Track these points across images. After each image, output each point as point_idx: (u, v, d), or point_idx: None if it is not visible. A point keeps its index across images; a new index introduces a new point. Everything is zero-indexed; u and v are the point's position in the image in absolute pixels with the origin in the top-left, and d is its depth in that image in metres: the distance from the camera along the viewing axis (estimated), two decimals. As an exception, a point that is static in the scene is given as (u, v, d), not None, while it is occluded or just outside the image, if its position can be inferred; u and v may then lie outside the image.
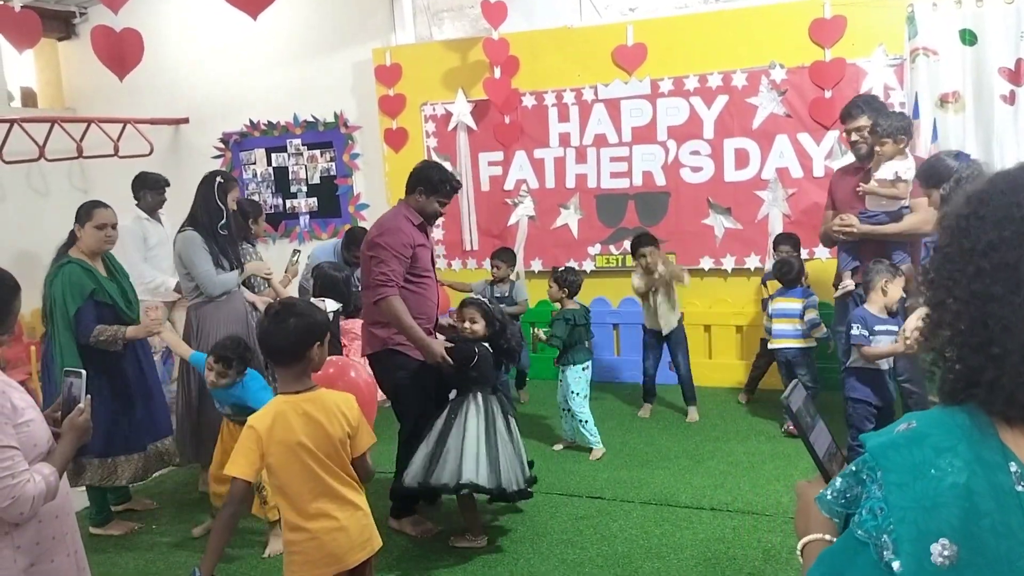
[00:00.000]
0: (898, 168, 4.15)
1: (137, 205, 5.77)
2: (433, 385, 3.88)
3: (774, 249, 5.50)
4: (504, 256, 5.74)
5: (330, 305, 4.78)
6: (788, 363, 5.02)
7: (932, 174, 3.84)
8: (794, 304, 4.97)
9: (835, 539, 1.18)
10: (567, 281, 4.88)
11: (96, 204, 3.96)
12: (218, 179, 4.41)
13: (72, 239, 3.95)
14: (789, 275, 5.06)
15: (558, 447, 4.92)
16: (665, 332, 5.34)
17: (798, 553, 1.24)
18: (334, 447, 2.48)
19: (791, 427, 4.97)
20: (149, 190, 5.79)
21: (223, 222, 4.36)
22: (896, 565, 0.98)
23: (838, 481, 1.16)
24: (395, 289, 3.73)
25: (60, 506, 2.23)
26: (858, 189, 4.30)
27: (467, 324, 3.85)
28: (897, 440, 1.06)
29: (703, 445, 4.87)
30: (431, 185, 3.87)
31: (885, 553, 1.00)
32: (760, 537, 3.67)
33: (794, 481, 4.50)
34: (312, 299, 4.89)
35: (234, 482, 2.43)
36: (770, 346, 5.10)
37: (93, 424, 3.81)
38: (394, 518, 3.92)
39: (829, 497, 1.17)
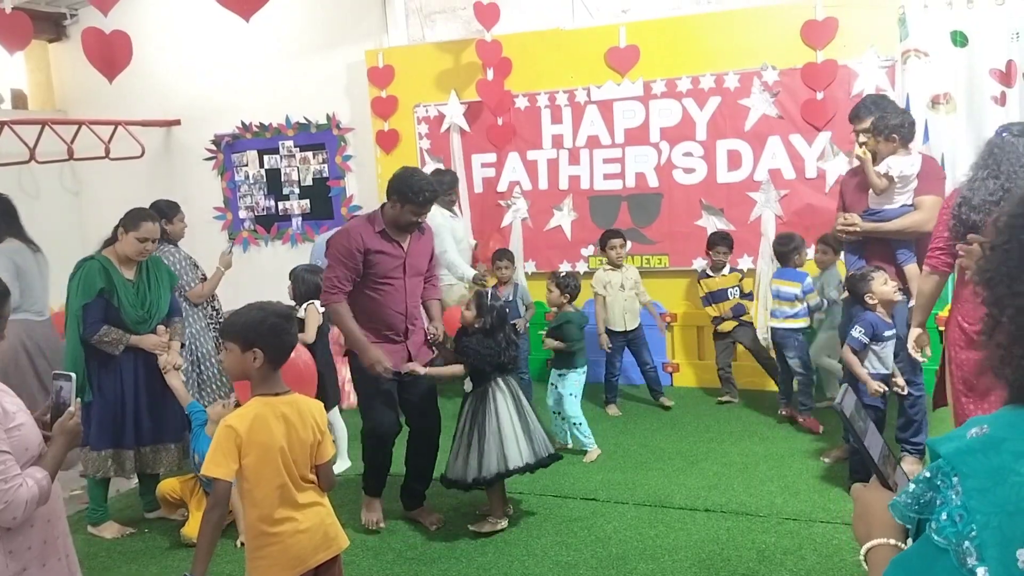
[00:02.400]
0: (891, 164, 4.15)
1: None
2: (383, 380, 3.84)
3: (709, 249, 5.55)
4: (508, 256, 5.73)
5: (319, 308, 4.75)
6: (775, 344, 5.14)
7: None
8: (792, 288, 5.00)
9: (900, 543, 1.18)
10: (569, 286, 4.85)
11: (146, 216, 4.00)
12: None
13: (115, 238, 4.01)
14: (788, 245, 5.11)
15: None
16: (630, 328, 5.55)
17: (861, 558, 1.23)
18: (304, 453, 2.48)
19: (785, 411, 5.08)
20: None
21: None
22: (982, 572, 0.98)
23: (911, 486, 1.14)
24: (339, 295, 3.76)
25: (52, 510, 2.22)
26: (857, 152, 4.28)
27: (464, 310, 4.00)
28: (972, 445, 1.06)
29: (697, 446, 4.87)
30: (403, 195, 3.70)
31: (968, 560, 1.00)
32: (754, 538, 3.67)
33: (788, 482, 4.54)
34: (296, 304, 4.83)
35: (216, 483, 2.40)
36: (768, 324, 5.20)
37: (93, 417, 3.85)
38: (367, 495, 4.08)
39: (902, 503, 1.16)
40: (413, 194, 3.67)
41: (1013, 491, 0.99)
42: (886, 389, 4.01)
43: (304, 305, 4.76)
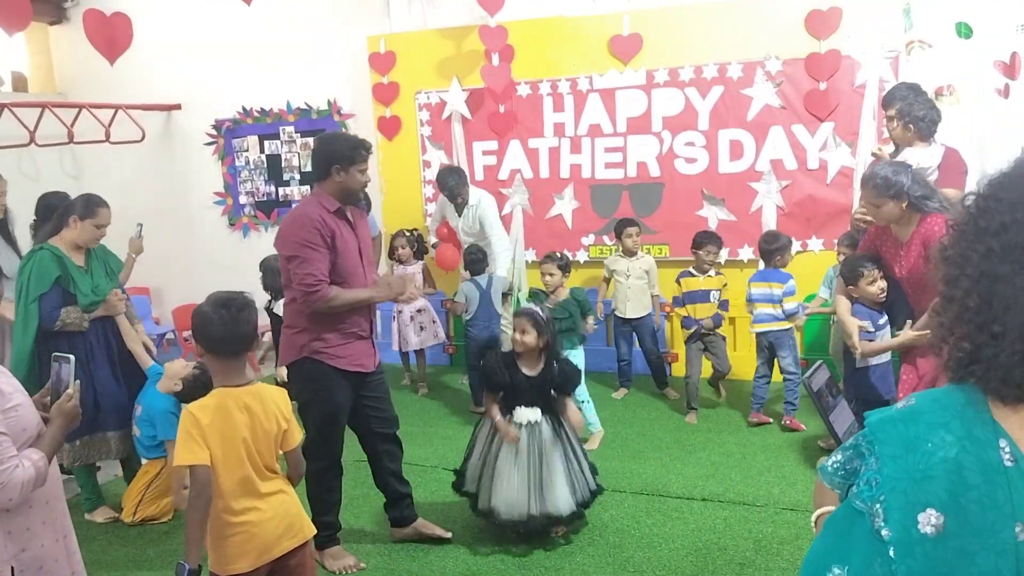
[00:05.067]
0: (907, 157, 4.11)
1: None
2: (347, 397, 3.47)
3: (698, 249, 5.32)
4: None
5: None
6: (770, 346, 5.03)
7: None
8: (775, 289, 4.94)
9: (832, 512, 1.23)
10: (568, 266, 4.95)
11: (100, 203, 3.96)
12: None
13: (57, 227, 3.93)
14: (773, 244, 5.04)
15: None
16: (631, 316, 5.56)
17: (812, 524, 1.31)
18: (268, 443, 2.46)
19: (755, 418, 5.03)
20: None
21: None
22: (885, 532, 1.04)
23: (839, 454, 1.21)
24: (325, 289, 3.27)
25: (50, 491, 2.22)
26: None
27: (517, 336, 3.57)
28: (894, 415, 1.12)
29: (694, 436, 4.88)
30: (346, 156, 3.33)
31: (876, 521, 1.05)
32: (751, 528, 3.68)
33: (785, 472, 4.54)
34: (271, 298, 4.73)
35: (192, 470, 2.35)
36: (752, 330, 5.10)
37: None
38: (317, 549, 3.43)
39: (830, 469, 1.23)
40: (355, 150, 3.36)
41: (922, 459, 1.04)
42: None
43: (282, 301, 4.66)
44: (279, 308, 4.68)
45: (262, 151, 7.27)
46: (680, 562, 3.43)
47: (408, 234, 6.12)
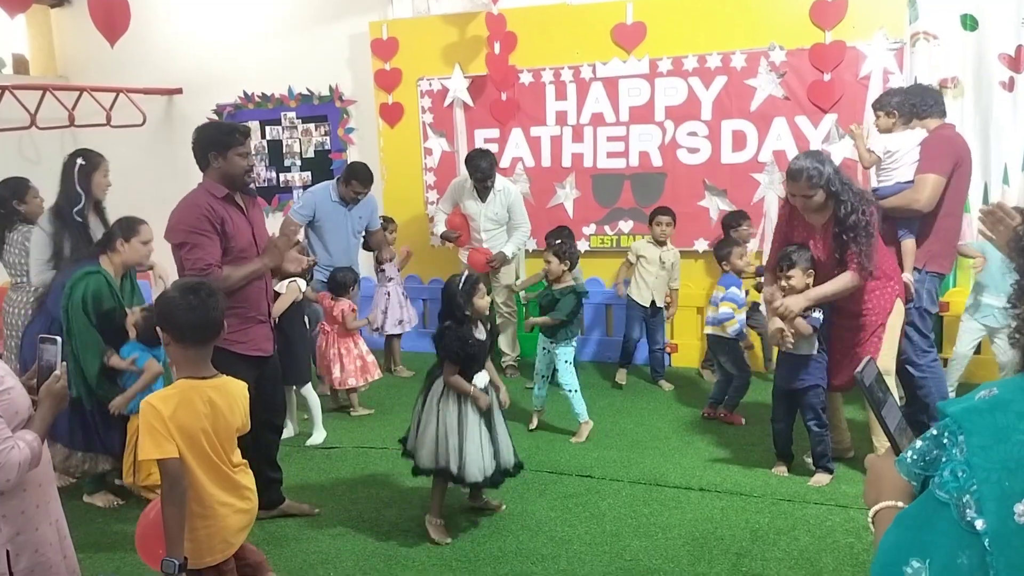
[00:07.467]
0: (876, 139, 4.23)
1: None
2: (249, 381, 3.42)
3: (737, 226, 5.50)
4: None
5: (300, 284, 4.60)
6: (712, 348, 5.05)
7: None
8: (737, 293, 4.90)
9: (908, 505, 1.21)
10: (569, 254, 4.67)
11: (139, 220, 4.00)
12: (79, 161, 4.18)
13: (104, 247, 3.97)
14: (724, 248, 5.05)
15: (533, 425, 4.91)
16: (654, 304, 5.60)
17: (869, 521, 1.28)
18: (231, 437, 2.44)
19: (708, 412, 5.02)
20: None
21: (79, 207, 4.14)
22: (980, 523, 1.02)
23: (918, 443, 1.19)
24: (220, 269, 3.36)
25: (43, 474, 2.23)
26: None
27: (484, 302, 3.64)
28: (979, 406, 1.10)
29: (693, 426, 4.89)
30: (220, 142, 3.40)
31: (968, 512, 1.04)
32: (748, 518, 3.69)
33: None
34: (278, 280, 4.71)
35: (162, 464, 2.30)
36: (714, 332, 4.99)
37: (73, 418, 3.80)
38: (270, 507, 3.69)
39: (909, 460, 1.20)
40: (228, 135, 3.42)
41: (1015, 449, 1.03)
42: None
43: (286, 282, 4.58)
44: (282, 287, 4.65)
45: (263, 136, 7.25)
46: (677, 551, 3.44)
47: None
